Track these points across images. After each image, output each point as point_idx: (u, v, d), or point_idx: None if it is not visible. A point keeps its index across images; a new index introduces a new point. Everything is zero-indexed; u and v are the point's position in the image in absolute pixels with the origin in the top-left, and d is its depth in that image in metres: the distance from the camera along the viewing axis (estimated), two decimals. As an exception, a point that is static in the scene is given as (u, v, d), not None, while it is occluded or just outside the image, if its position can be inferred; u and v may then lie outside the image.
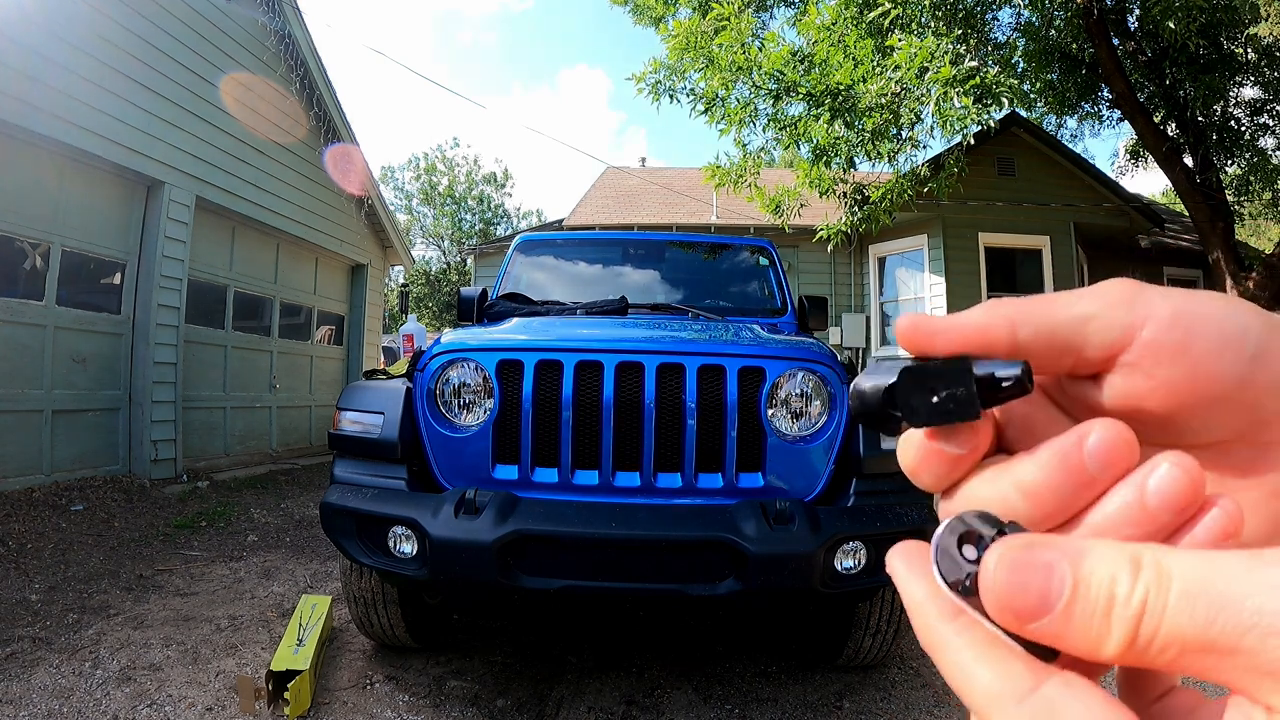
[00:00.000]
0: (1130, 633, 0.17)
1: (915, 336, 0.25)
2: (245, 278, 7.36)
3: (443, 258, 33.12)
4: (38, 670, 2.49)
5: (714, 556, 1.90)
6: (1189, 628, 0.17)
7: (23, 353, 4.91)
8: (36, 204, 4.99)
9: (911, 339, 0.25)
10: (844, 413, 2.14)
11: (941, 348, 0.24)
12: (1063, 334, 0.23)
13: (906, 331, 0.25)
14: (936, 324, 0.24)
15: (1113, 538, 0.21)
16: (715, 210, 12.69)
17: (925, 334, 0.24)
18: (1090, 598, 0.18)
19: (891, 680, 2.57)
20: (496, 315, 3.20)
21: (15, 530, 4.16)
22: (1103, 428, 0.22)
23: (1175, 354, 0.22)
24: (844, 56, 6.98)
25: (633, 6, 9.58)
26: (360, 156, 8.97)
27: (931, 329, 0.24)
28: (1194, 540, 0.21)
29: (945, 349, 0.24)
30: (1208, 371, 0.21)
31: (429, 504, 1.96)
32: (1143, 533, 0.21)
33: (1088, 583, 0.18)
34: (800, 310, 3.59)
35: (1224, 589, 0.16)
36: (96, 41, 5.21)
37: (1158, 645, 0.17)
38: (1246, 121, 11.40)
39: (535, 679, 2.53)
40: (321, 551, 4.19)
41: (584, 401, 2.07)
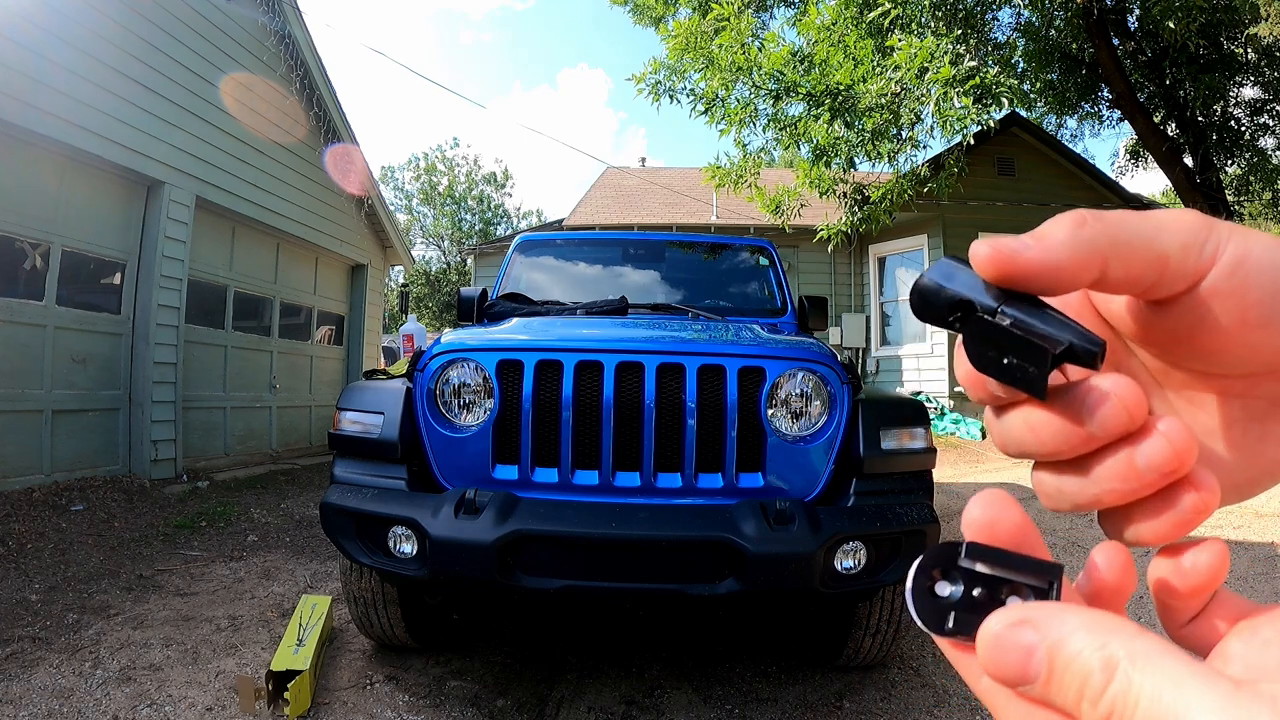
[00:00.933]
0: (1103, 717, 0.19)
1: (995, 259, 0.24)
2: (245, 278, 7.36)
3: (443, 258, 33.13)
4: (38, 670, 2.49)
5: (714, 556, 1.90)
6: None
7: (23, 353, 4.91)
8: (36, 204, 4.99)
9: (992, 263, 0.24)
10: (844, 413, 2.14)
11: (1023, 278, 0.23)
12: (1147, 275, 0.23)
13: (987, 255, 0.24)
14: (1020, 249, 0.23)
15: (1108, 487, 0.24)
16: (715, 210, 12.70)
17: (1008, 255, 0.23)
18: (1064, 683, 0.20)
19: (891, 680, 2.57)
20: (496, 315, 3.20)
21: (15, 530, 4.16)
22: (1105, 394, 0.23)
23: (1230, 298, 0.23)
24: (844, 56, 6.98)
25: (633, 6, 9.59)
26: (360, 156, 8.97)
27: (1015, 253, 0.23)
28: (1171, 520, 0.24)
29: (1028, 282, 0.23)
30: (1255, 317, 0.23)
31: (429, 504, 1.96)
32: (1131, 488, 0.24)
33: (1062, 671, 0.20)
34: (800, 310, 3.59)
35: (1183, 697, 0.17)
36: (97, 41, 5.21)
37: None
38: (1246, 121, 11.40)
39: (535, 679, 2.53)
40: (321, 551, 4.19)
41: (584, 401, 2.07)
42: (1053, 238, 0.23)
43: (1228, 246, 0.23)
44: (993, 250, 0.24)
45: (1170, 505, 0.24)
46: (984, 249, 0.24)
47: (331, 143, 8.43)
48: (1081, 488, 0.25)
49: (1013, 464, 7.75)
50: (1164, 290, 0.24)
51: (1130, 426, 0.24)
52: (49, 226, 5.07)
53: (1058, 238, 0.23)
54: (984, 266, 0.24)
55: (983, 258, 0.24)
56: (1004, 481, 6.62)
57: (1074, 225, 0.23)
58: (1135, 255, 0.23)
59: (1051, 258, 0.23)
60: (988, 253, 0.24)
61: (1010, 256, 0.23)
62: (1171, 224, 0.23)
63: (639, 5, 9.53)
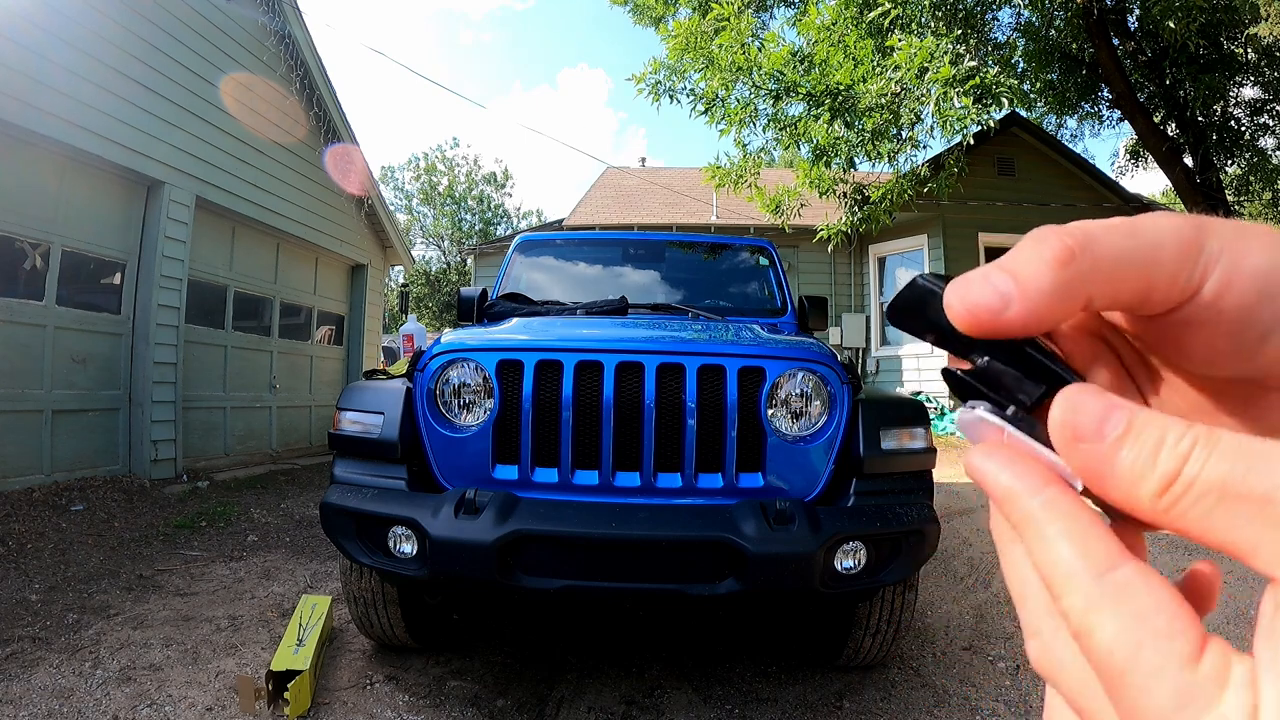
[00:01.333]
0: (1172, 473, 0.19)
1: (971, 321, 0.22)
2: (245, 278, 7.36)
3: (443, 258, 33.12)
4: (38, 670, 2.49)
5: (714, 556, 1.90)
6: (1230, 474, 0.18)
7: (23, 353, 4.91)
8: (36, 204, 4.99)
9: (968, 323, 0.22)
10: (844, 413, 2.14)
11: (1004, 334, 0.22)
12: (1132, 300, 0.23)
13: (961, 316, 0.22)
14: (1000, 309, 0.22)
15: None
16: (715, 210, 12.70)
17: (986, 318, 0.22)
18: (1141, 438, 0.19)
19: (891, 680, 2.57)
20: (496, 315, 3.20)
21: (15, 530, 4.16)
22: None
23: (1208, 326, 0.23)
24: (844, 56, 6.98)
25: (633, 6, 9.59)
26: (360, 156, 8.97)
27: (994, 314, 0.22)
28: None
29: (1014, 333, 0.22)
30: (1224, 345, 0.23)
31: (429, 504, 1.96)
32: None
33: (1141, 428, 0.19)
34: (800, 310, 3.59)
35: (1265, 450, 0.18)
36: (97, 41, 5.21)
37: (1196, 491, 0.18)
38: (1246, 121, 11.40)
39: (535, 679, 2.53)
40: (321, 551, 4.19)
41: (584, 401, 2.07)
42: (1034, 285, 0.21)
43: (1214, 272, 0.22)
44: (967, 312, 0.22)
45: None
46: (959, 307, 0.22)
47: (331, 143, 8.43)
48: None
49: (1013, 464, 7.74)
50: (1144, 312, 0.23)
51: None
52: (49, 226, 5.07)
53: (1040, 286, 0.21)
54: (960, 325, 0.22)
55: (957, 318, 0.22)
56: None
57: (1059, 265, 0.21)
58: (1121, 283, 0.22)
59: (1035, 313, 0.22)
60: (962, 314, 0.22)
61: (989, 319, 0.22)
62: (1162, 246, 0.22)
63: (639, 5, 9.53)
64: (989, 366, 0.23)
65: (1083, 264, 0.21)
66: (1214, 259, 0.22)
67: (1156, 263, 0.22)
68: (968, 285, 0.22)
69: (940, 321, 0.23)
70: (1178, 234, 0.22)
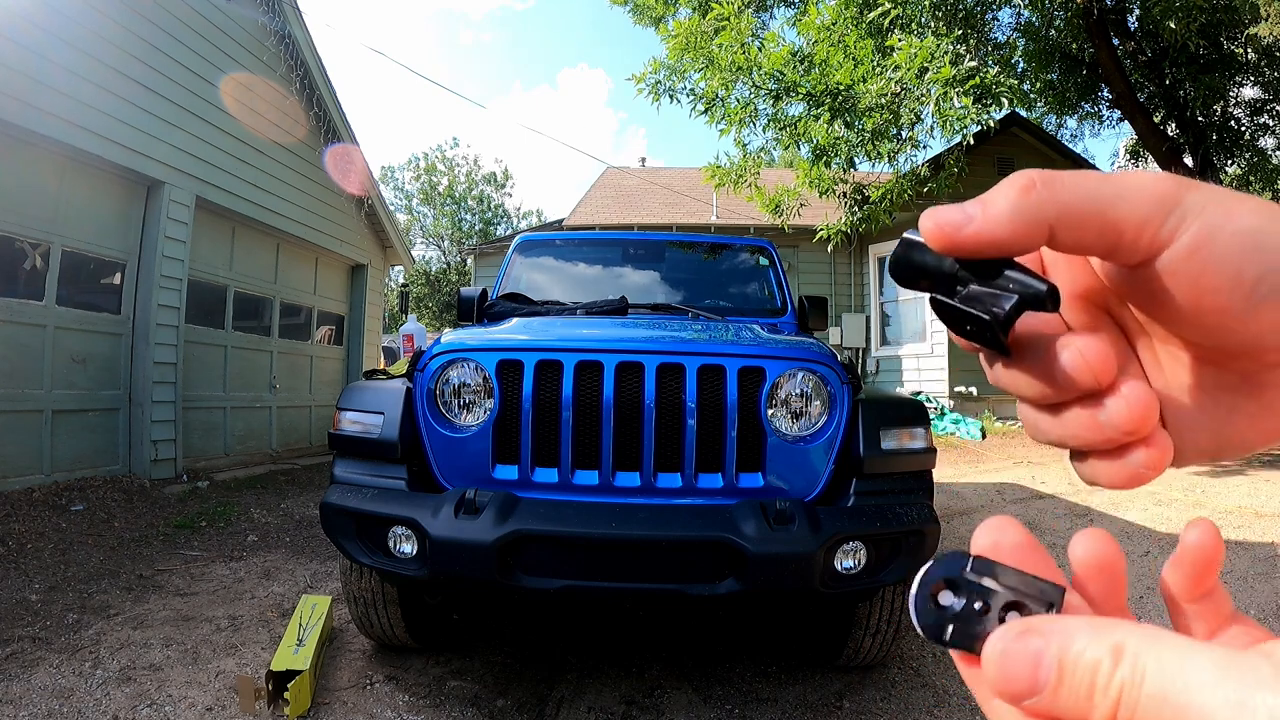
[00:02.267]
0: (1110, 715, 0.19)
1: (939, 235, 0.24)
2: (245, 278, 7.36)
3: (443, 258, 33.12)
4: (38, 670, 2.49)
5: (714, 556, 1.90)
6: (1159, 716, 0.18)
7: (23, 353, 4.91)
8: (36, 204, 4.99)
9: (936, 238, 0.24)
10: (844, 413, 2.14)
11: (970, 251, 0.24)
12: (1099, 244, 0.23)
13: (931, 231, 0.24)
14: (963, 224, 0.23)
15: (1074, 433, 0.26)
16: (715, 210, 12.70)
17: (950, 231, 0.23)
18: (1075, 682, 0.20)
19: (891, 680, 2.57)
20: (496, 315, 3.20)
21: (15, 530, 4.16)
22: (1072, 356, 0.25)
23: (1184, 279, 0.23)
24: (844, 56, 6.98)
25: (633, 6, 9.58)
26: (360, 156, 8.97)
27: (957, 228, 0.23)
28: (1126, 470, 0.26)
29: (975, 252, 0.24)
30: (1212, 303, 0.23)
31: (429, 504, 1.96)
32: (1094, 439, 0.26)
33: (1073, 667, 0.20)
34: (800, 310, 3.59)
35: (1189, 699, 0.18)
36: (97, 41, 5.21)
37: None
38: (1246, 121, 11.40)
39: (535, 679, 2.53)
40: (321, 551, 4.19)
41: (584, 401, 2.07)
42: (995, 207, 0.23)
43: (1193, 225, 0.22)
44: (936, 227, 0.24)
45: (1125, 456, 0.26)
46: (928, 224, 0.24)
47: (331, 143, 8.43)
48: (1053, 427, 0.27)
49: (1013, 464, 7.75)
50: (1120, 259, 0.24)
51: (1095, 386, 0.25)
52: (49, 226, 5.07)
53: (1000, 207, 0.23)
54: (931, 242, 0.24)
55: (928, 234, 0.24)
56: (1004, 481, 6.62)
57: (1019, 192, 0.23)
58: (1086, 224, 0.23)
59: (993, 230, 0.23)
60: (931, 229, 0.24)
61: (953, 233, 0.23)
62: (1134, 193, 0.22)
63: (639, 5, 9.52)
64: (968, 291, 0.24)
65: (1042, 194, 0.22)
66: (1193, 212, 0.22)
67: (1125, 207, 0.22)
68: (940, 210, 0.24)
69: (927, 264, 0.25)
70: (1155, 186, 0.23)
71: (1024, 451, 8.49)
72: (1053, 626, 0.21)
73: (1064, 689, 0.20)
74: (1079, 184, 0.23)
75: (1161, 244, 0.22)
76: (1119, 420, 0.25)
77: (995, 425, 9.83)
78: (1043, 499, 5.73)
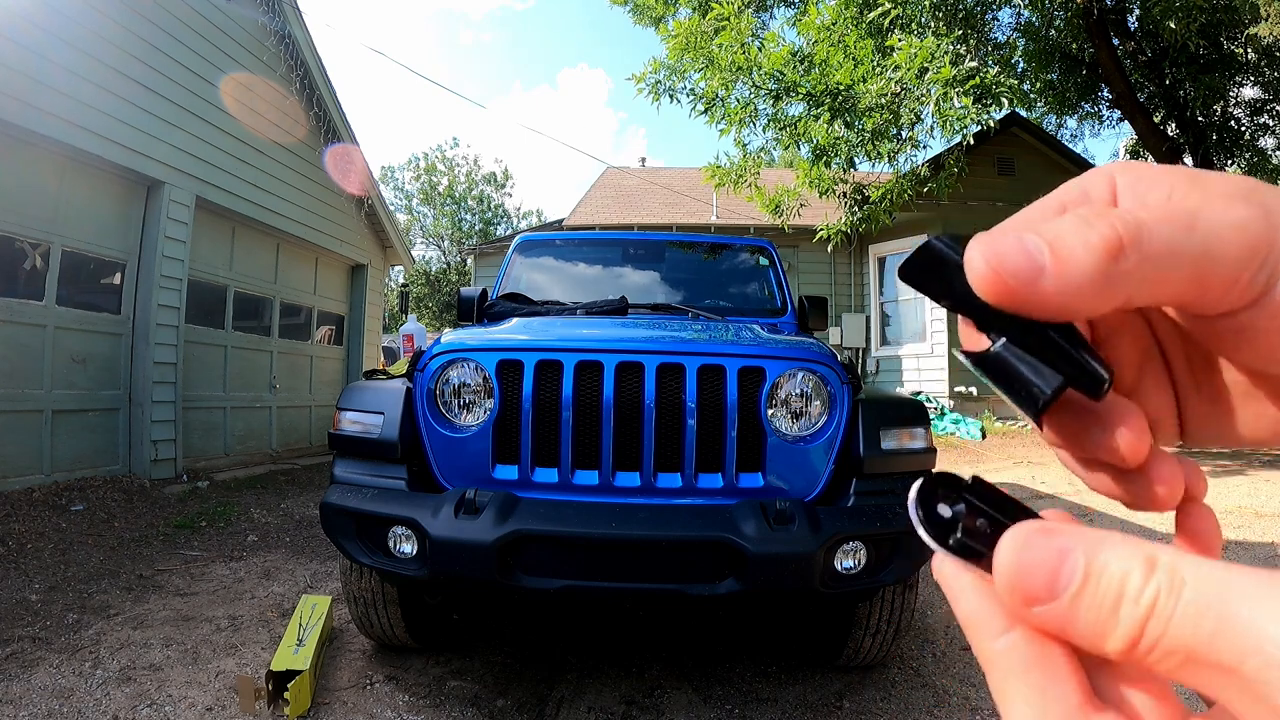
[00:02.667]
0: (1135, 632, 0.17)
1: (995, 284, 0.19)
2: (245, 278, 7.36)
3: (443, 258, 33.12)
4: (38, 670, 2.49)
5: (714, 556, 1.90)
6: (1194, 638, 0.16)
7: (23, 353, 4.91)
8: (36, 204, 4.99)
9: (991, 285, 0.19)
10: (844, 413, 2.14)
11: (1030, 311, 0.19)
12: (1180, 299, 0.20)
13: (985, 276, 0.19)
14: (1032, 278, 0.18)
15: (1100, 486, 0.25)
16: (715, 210, 12.70)
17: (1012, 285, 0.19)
18: (1100, 589, 0.17)
19: (891, 680, 2.57)
20: (496, 315, 3.20)
21: (15, 530, 4.15)
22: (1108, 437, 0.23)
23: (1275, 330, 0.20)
24: (844, 56, 6.98)
25: (633, 6, 9.58)
26: (360, 156, 8.97)
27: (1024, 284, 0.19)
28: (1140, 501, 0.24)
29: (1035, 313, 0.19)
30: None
31: (429, 504, 1.96)
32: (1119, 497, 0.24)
33: (1100, 574, 0.17)
34: (800, 310, 3.59)
35: (1235, 608, 0.16)
36: (97, 41, 5.21)
37: (1161, 650, 0.17)
38: (1246, 121, 11.40)
39: (535, 679, 2.53)
40: (321, 551, 4.19)
41: (584, 401, 2.07)
42: (1074, 268, 0.18)
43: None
44: (992, 274, 0.19)
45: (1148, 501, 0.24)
46: (980, 265, 0.19)
47: (331, 143, 8.43)
48: (1079, 469, 0.25)
49: (1013, 464, 7.75)
50: (1196, 312, 0.20)
51: (1127, 466, 0.23)
52: (49, 226, 5.07)
53: (1082, 270, 0.18)
54: (983, 290, 0.19)
55: (981, 279, 0.19)
56: (1004, 481, 6.63)
57: (1107, 258, 0.18)
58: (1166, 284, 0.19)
59: (1069, 295, 0.19)
60: (986, 275, 0.19)
61: (1017, 288, 0.19)
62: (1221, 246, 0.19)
63: (639, 5, 9.52)
64: (1004, 351, 0.21)
65: (1129, 262, 0.18)
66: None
67: (1213, 263, 0.19)
68: (995, 243, 0.19)
69: (956, 286, 0.21)
70: (1243, 232, 0.19)
71: (1024, 451, 8.50)
72: (1080, 530, 0.19)
73: (1087, 596, 0.18)
74: (1167, 238, 0.18)
75: (1250, 298, 0.19)
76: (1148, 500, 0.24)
77: (995, 425, 9.83)
78: (1043, 499, 5.74)
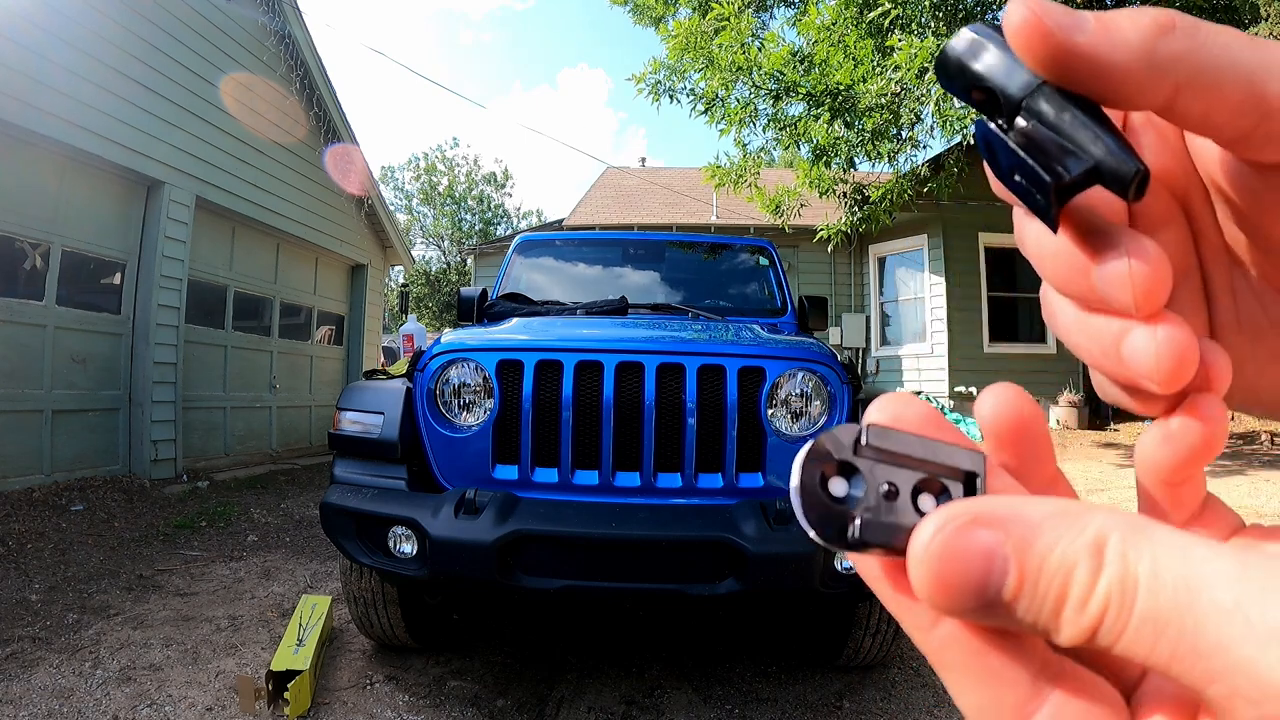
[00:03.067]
0: (1084, 636, 0.15)
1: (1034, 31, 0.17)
2: (245, 278, 7.36)
3: (443, 258, 33.12)
4: (38, 670, 2.49)
5: (714, 556, 1.90)
6: (1151, 655, 0.14)
7: (23, 353, 4.91)
8: (36, 204, 4.99)
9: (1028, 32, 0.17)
10: (844, 412, 2.14)
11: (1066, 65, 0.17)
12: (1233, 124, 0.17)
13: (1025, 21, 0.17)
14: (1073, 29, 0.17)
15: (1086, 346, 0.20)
16: (715, 210, 12.70)
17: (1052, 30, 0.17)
18: (1039, 593, 0.15)
19: (891, 680, 2.57)
20: (496, 315, 3.20)
21: (15, 530, 4.16)
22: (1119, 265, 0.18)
23: None
24: (844, 57, 6.98)
25: (633, 6, 9.58)
26: (360, 156, 8.97)
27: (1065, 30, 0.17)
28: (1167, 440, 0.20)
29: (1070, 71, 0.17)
30: None
31: (429, 504, 1.96)
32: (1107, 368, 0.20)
33: (1036, 574, 0.15)
34: (800, 310, 3.59)
35: (1200, 620, 0.14)
36: (97, 41, 5.21)
37: (1118, 650, 0.15)
38: (1246, 121, 11.41)
39: (535, 679, 2.53)
40: (321, 551, 4.19)
41: (584, 401, 2.07)
42: (1121, 35, 0.17)
43: None
44: (1033, 17, 0.17)
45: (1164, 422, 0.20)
46: (1021, 10, 0.17)
47: (331, 143, 8.43)
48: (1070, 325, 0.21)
49: (1013, 464, 7.75)
50: (1250, 152, 0.18)
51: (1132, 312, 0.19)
52: (49, 226, 5.07)
53: (1127, 38, 0.17)
54: (1018, 39, 0.18)
55: (1020, 23, 0.17)
56: (1004, 481, 6.62)
57: (1155, 29, 0.17)
58: (1223, 94, 0.17)
59: (1109, 56, 0.17)
60: (1026, 19, 0.17)
61: (1057, 33, 0.17)
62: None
63: (639, 5, 9.52)
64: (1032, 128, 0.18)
65: (1182, 41, 0.17)
66: None
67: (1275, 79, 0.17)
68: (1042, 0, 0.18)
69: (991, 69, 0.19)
70: None
71: (1024, 451, 8.48)
72: (1007, 511, 0.16)
73: (1025, 598, 0.15)
74: (1227, 42, 0.17)
75: None
76: (1137, 363, 0.18)
77: (995, 425, 9.81)
78: (1043, 499, 5.73)
